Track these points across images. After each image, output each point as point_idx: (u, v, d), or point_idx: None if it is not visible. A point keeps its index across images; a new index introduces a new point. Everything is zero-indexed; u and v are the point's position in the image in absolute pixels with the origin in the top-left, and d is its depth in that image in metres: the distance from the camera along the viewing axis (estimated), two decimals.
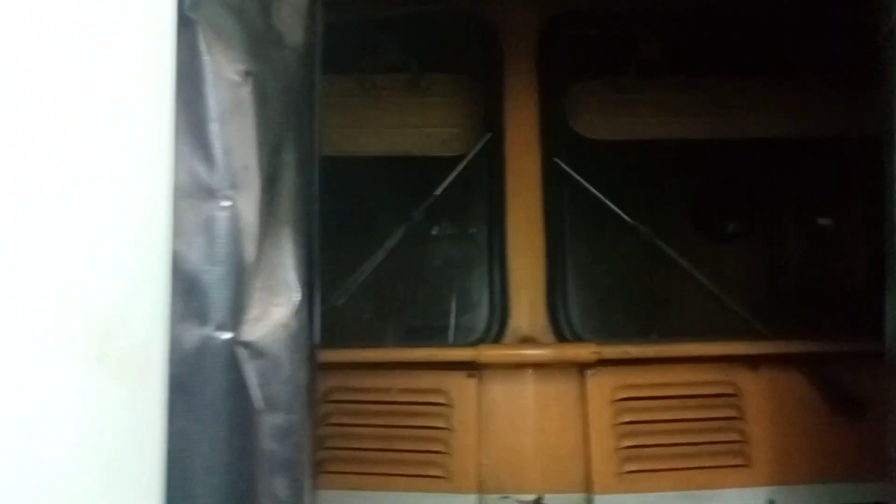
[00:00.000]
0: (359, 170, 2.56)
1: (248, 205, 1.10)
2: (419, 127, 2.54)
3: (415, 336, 2.34)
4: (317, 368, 1.58)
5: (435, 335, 2.30)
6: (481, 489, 2.16)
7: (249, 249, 1.10)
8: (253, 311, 1.12)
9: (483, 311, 2.33)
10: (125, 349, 0.95)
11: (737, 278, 2.66)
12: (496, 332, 2.28)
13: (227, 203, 1.08)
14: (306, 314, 1.22)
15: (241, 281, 1.08)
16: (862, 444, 2.29)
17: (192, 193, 1.08)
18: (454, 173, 2.33)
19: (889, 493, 1.62)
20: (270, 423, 1.14)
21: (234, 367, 1.07)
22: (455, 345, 2.18)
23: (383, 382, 2.24)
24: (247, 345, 1.10)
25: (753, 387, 2.28)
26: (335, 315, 2.32)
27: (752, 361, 2.27)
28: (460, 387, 2.20)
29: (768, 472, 2.25)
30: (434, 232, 2.49)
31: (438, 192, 2.34)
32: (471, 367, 2.19)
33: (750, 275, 2.78)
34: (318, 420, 1.62)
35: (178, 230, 1.04)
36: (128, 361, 0.95)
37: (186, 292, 1.04)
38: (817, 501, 2.25)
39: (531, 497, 2.16)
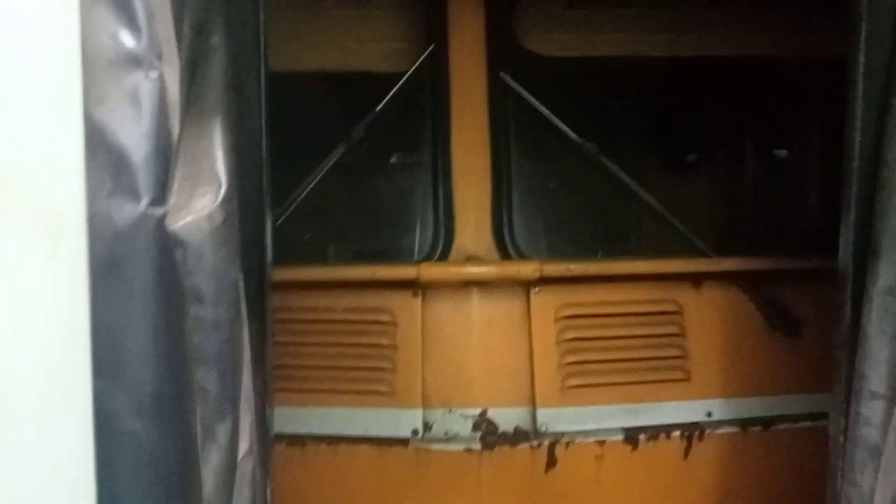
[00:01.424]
0: (298, 86, 2.46)
1: (173, 76, 1.04)
2: (362, 41, 2.44)
3: (358, 256, 2.30)
4: (269, 281, 1.55)
5: (379, 255, 2.27)
6: (426, 404, 2.18)
7: (175, 128, 1.04)
8: (177, 200, 1.06)
9: (428, 232, 2.30)
10: (28, 203, 0.89)
11: (686, 203, 2.66)
12: (441, 251, 2.27)
13: (154, 74, 1.02)
14: (234, 209, 1.17)
15: (169, 158, 1.03)
16: (795, 359, 2.37)
17: (115, 60, 1.01)
18: (395, 88, 2.26)
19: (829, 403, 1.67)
20: (195, 314, 1.10)
21: (168, 246, 1.02)
22: (399, 263, 2.15)
23: (326, 301, 2.22)
24: (171, 234, 1.05)
25: (695, 305, 2.31)
26: (275, 236, 2.27)
27: (694, 280, 2.31)
28: (404, 305, 2.19)
29: (706, 386, 2.31)
30: (376, 151, 2.42)
31: (379, 108, 2.27)
32: (415, 286, 2.18)
33: (699, 201, 2.79)
34: (269, 333, 1.57)
35: (102, 98, 0.98)
36: (34, 217, 0.89)
37: (115, 167, 0.99)
38: (751, 413, 2.34)
39: (475, 411, 2.20)
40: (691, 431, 2.29)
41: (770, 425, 2.33)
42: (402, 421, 2.19)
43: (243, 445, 1.30)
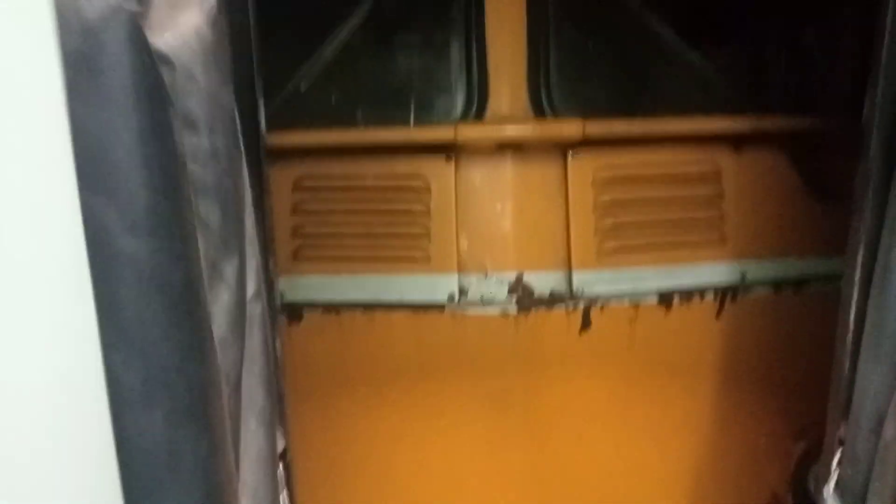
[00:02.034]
0: None
1: None
2: None
3: (389, 120, 2.21)
4: (262, 126, 1.48)
5: (408, 119, 2.17)
6: (462, 269, 2.17)
7: None
8: (160, 13, 0.97)
9: (461, 93, 2.20)
10: None
11: (730, 62, 2.52)
12: (475, 113, 2.17)
13: None
14: (224, 28, 1.09)
15: None
16: (831, 223, 2.34)
17: None
18: None
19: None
20: (188, 141, 1.03)
21: (144, 46, 0.93)
22: (434, 125, 2.07)
23: (357, 169, 2.16)
24: (155, 51, 0.96)
25: (735, 166, 2.25)
26: (300, 102, 2.17)
27: (735, 142, 2.23)
28: (438, 170, 2.13)
29: (742, 248, 2.29)
30: (405, 7, 2.26)
31: None
32: (448, 150, 2.11)
33: (744, 60, 2.65)
34: (266, 182, 1.52)
35: None
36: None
37: None
38: (784, 273, 2.34)
39: (511, 275, 2.20)
40: (724, 293, 2.30)
41: (802, 286, 2.34)
42: (438, 286, 2.19)
43: (251, 287, 1.28)
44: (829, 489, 1.63)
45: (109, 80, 0.91)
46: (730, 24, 2.58)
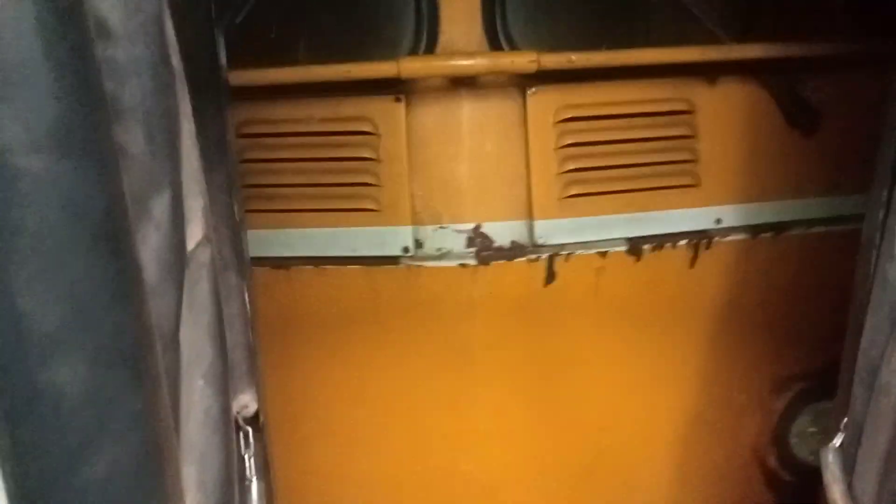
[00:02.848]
0: None
1: None
2: None
3: (334, 57, 2.05)
4: (222, 53, 1.32)
5: (354, 55, 2.02)
6: (416, 220, 2.03)
7: None
8: None
9: (409, 23, 2.03)
10: None
11: None
12: (425, 47, 2.00)
13: None
14: None
15: None
16: (813, 159, 2.20)
17: None
18: None
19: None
20: (102, 52, 0.88)
21: None
22: (377, 61, 1.92)
23: (301, 112, 2.00)
24: None
25: (709, 102, 2.09)
26: (237, 36, 2.01)
27: (709, 73, 2.07)
28: (387, 112, 1.97)
29: (717, 192, 2.15)
30: None
31: None
32: (397, 89, 1.95)
33: None
34: (228, 116, 1.38)
35: None
36: None
37: None
38: (763, 218, 2.20)
39: (469, 226, 2.06)
40: (699, 240, 2.16)
41: (783, 231, 2.20)
42: (392, 239, 2.05)
43: (195, 232, 1.14)
44: (833, 446, 1.52)
45: None
46: None
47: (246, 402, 1.51)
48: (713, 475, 2.49)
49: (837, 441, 1.50)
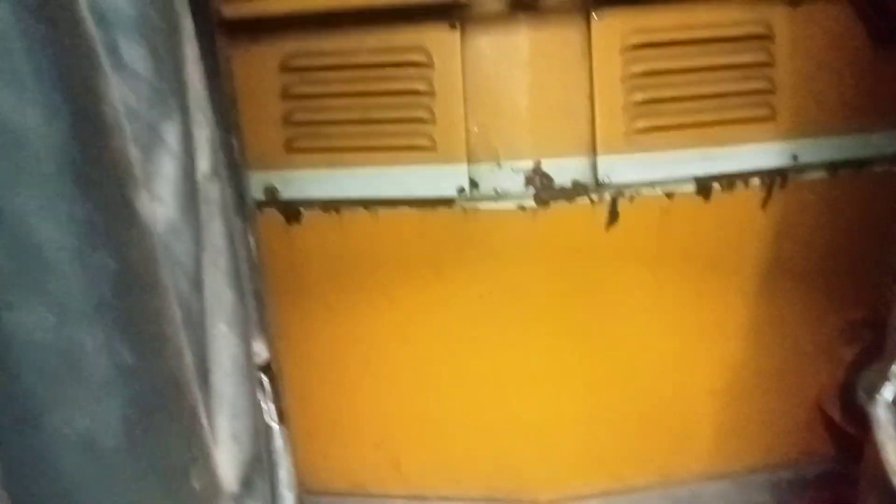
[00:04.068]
0: None
1: None
2: None
3: None
4: None
5: None
6: (472, 159, 1.92)
7: None
8: None
9: None
10: None
11: None
12: None
13: None
14: None
15: None
16: None
17: None
18: None
19: None
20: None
21: None
22: None
23: (350, 43, 1.89)
24: None
25: (789, 25, 1.93)
26: None
27: None
28: (441, 41, 1.85)
29: (794, 125, 1.99)
30: None
31: None
32: (452, 15, 1.82)
33: None
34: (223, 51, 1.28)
35: None
36: None
37: None
38: (843, 153, 2.04)
39: (528, 164, 1.95)
40: (772, 178, 2.02)
41: (865, 167, 2.04)
42: (447, 179, 1.94)
43: (203, 164, 1.05)
44: (883, 399, 1.38)
45: None
46: None
47: (258, 350, 1.44)
48: (774, 426, 2.38)
49: (889, 393, 1.37)
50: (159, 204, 0.93)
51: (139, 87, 0.90)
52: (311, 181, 1.98)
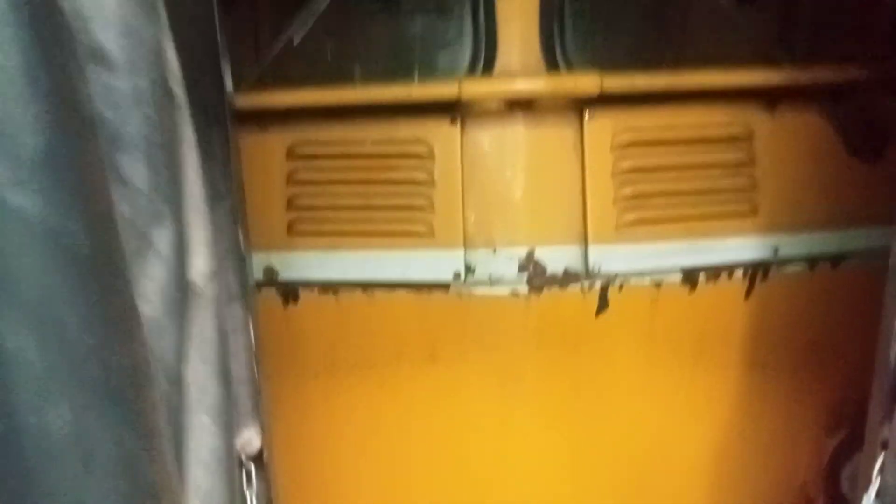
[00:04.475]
0: None
1: None
2: None
3: (389, 77, 2.03)
4: (227, 74, 1.30)
5: (408, 73, 2.00)
6: (468, 245, 1.99)
7: None
8: None
9: (467, 46, 2.01)
10: None
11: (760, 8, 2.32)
12: (483, 68, 1.98)
13: None
14: None
15: None
16: (875, 188, 2.15)
17: None
18: None
19: None
20: (103, 83, 0.86)
21: None
22: (436, 81, 1.89)
23: (355, 134, 1.98)
24: None
25: (769, 128, 2.05)
26: (292, 57, 2.00)
27: (768, 99, 2.03)
28: (442, 134, 1.94)
29: (775, 221, 2.10)
30: None
31: None
32: (453, 110, 1.92)
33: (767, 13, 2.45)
34: (234, 140, 1.36)
35: None
36: None
37: None
38: (822, 247, 2.14)
39: (521, 251, 2.02)
40: (755, 270, 2.10)
41: (841, 262, 2.14)
42: (443, 263, 2.00)
43: (198, 263, 1.11)
44: (870, 498, 1.42)
45: None
46: None
47: (250, 438, 1.46)
48: None
49: (874, 492, 1.41)
50: (145, 303, 0.98)
51: (135, 199, 0.96)
52: (310, 263, 2.03)
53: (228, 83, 1.39)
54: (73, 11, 0.81)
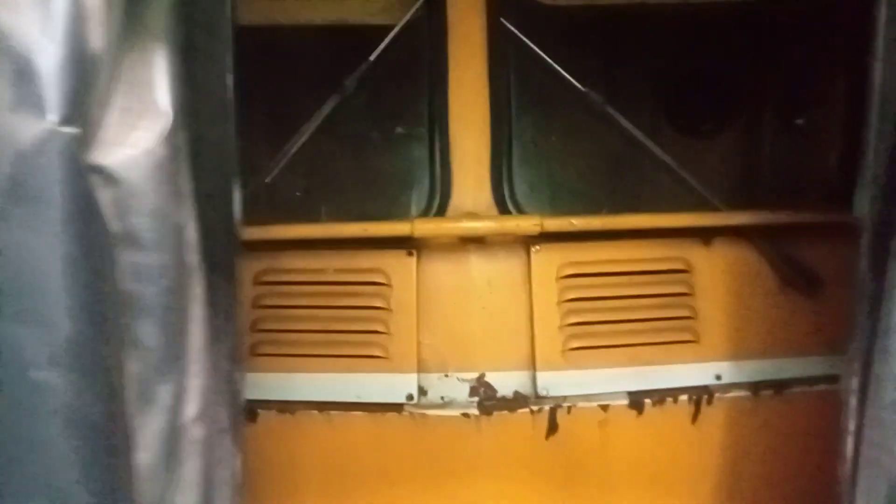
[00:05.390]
0: (290, 40, 2.35)
1: None
2: None
3: (352, 215, 2.20)
4: (238, 238, 1.45)
5: (374, 214, 2.17)
6: (422, 368, 2.10)
7: (95, 39, 0.90)
8: (111, 133, 0.95)
9: (423, 188, 2.19)
10: None
11: (695, 158, 2.54)
12: (437, 208, 2.15)
13: None
14: (180, 146, 1.06)
15: (86, 72, 0.89)
16: (812, 319, 2.26)
17: None
18: (389, 37, 2.14)
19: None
20: (131, 260, 0.99)
21: (80, 170, 0.89)
22: (392, 220, 2.06)
23: (317, 262, 2.13)
24: (100, 170, 0.93)
25: (705, 262, 2.20)
26: (266, 193, 2.18)
27: (704, 236, 2.19)
28: (399, 265, 2.10)
29: (716, 348, 2.21)
30: (371, 104, 2.30)
31: (372, 58, 2.15)
32: (409, 245, 2.08)
33: (709, 155, 2.66)
34: (237, 291, 1.48)
35: None
36: None
37: (17, 76, 0.85)
38: (763, 375, 2.23)
39: (473, 375, 2.11)
40: (700, 395, 2.19)
41: (783, 389, 2.23)
42: (397, 386, 2.10)
43: (190, 409, 1.20)
44: None
45: (40, 206, 0.87)
46: (697, 117, 2.60)
47: None
48: None
49: None
50: (143, 451, 1.08)
51: (145, 358, 1.09)
52: (269, 384, 2.12)
53: (238, 241, 1.49)
54: (113, 200, 0.96)
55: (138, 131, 0.99)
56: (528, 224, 2.01)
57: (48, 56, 0.86)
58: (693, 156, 2.51)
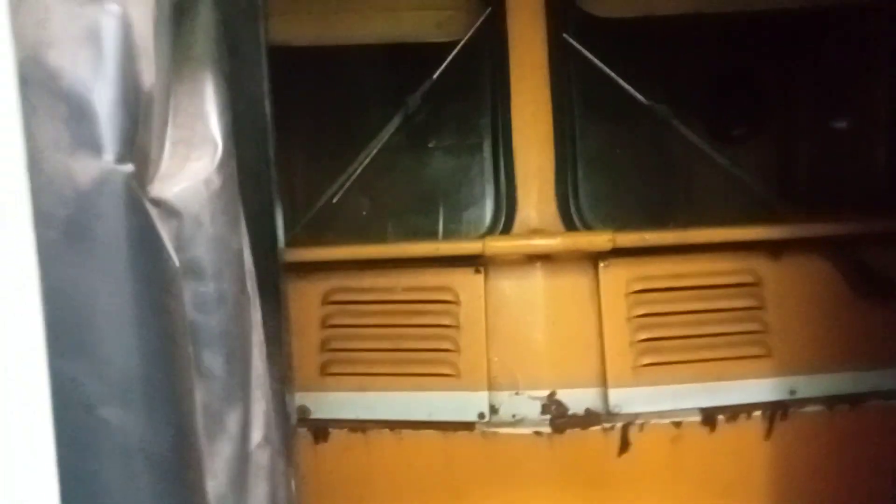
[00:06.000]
0: (350, 60, 2.37)
1: (141, 16, 0.89)
2: (413, 10, 2.34)
3: (418, 232, 2.21)
4: (282, 260, 1.46)
5: (436, 229, 2.17)
6: (492, 386, 2.09)
7: (146, 76, 0.90)
8: (167, 166, 0.96)
9: (489, 204, 2.20)
10: None
11: (762, 166, 2.50)
12: (504, 224, 2.15)
13: (114, 7, 0.86)
14: (231, 173, 1.07)
15: (139, 109, 0.89)
16: (887, 329, 2.20)
17: None
18: (452, 55, 2.14)
19: None
20: (194, 290, 1.00)
21: (140, 206, 0.89)
22: (460, 238, 2.06)
23: (386, 281, 2.13)
24: (159, 203, 0.94)
25: (774, 275, 2.16)
26: (331, 214, 2.19)
27: (773, 249, 2.16)
28: (467, 283, 2.09)
29: (789, 362, 2.16)
30: (434, 122, 2.31)
31: (435, 76, 2.16)
32: (477, 262, 2.08)
33: (775, 163, 2.62)
34: (284, 313, 1.49)
35: (54, 40, 0.84)
36: None
37: (72, 118, 0.85)
38: (839, 389, 2.19)
39: (544, 393, 2.10)
40: (773, 411, 2.15)
41: (859, 402, 2.18)
42: (468, 404, 2.10)
43: (256, 434, 1.20)
44: None
45: (104, 245, 0.87)
46: (762, 125, 2.57)
47: None
48: None
49: None
50: (212, 479, 1.08)
51: (212, 387, 1.09)
52: (341, 403, 2.13)
53: (282, 262, 1.52)
54: (175, 233, 0.97)
55: (193, 162, 1.01)
56: (600, 240, 2.00)
57: (102, 95, 0.86)
58: (752, 164, 2.48)
